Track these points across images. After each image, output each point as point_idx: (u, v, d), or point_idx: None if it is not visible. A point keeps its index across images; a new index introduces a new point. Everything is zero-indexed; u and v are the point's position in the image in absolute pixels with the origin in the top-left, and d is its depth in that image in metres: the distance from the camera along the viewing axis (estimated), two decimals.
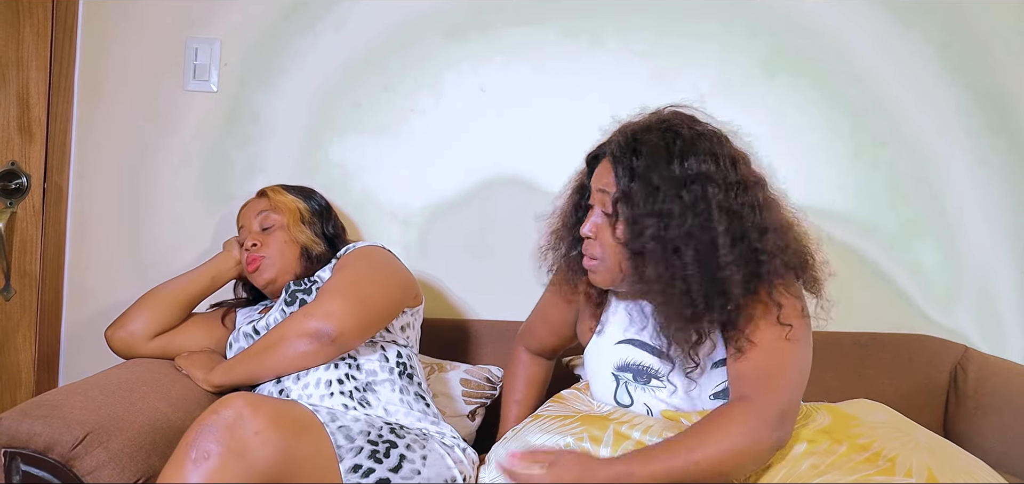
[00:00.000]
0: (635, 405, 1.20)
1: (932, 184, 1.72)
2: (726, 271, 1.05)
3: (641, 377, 1.19)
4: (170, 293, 1.46)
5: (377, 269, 1.37)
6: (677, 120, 1.13)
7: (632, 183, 1.09)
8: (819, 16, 1.71)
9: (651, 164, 1.08)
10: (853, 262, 1.73)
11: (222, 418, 0.99)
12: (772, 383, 1.05)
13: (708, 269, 1.06)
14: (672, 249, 1.06)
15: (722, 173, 1.08)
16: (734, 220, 1.07)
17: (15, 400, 1.69)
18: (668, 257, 1.07)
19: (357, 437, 1.14)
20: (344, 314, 1.25)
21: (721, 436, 1.00)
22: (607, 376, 1.22)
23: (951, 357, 1.62)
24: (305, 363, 1.27)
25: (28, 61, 1.69)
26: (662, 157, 1.08)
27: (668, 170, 1.08)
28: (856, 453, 1.03)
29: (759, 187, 1.12)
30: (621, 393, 1.21)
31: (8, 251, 1.68)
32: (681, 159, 1.08)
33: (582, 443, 1.12)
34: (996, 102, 1.71)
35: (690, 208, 1.06)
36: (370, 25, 1.74)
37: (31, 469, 1.10)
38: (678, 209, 1.06)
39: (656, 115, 1.16)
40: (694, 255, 1.06)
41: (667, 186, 1.07)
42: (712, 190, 1.07)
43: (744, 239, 1.07)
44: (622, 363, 1.21)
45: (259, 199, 1.53)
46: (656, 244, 1.07)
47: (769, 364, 1.06)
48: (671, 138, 1.10)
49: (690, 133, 1.10)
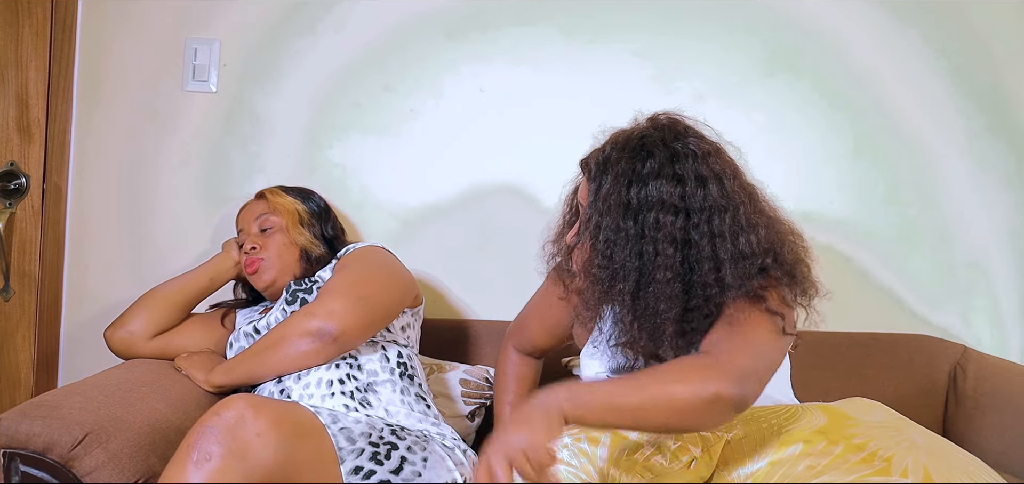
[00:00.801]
0: None
1: (932, 184, 1.72)
2: (660, 304, 1.05)
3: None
4: (169, 293, 1.46)
5: (378, 269, 1.37)
6: (657, 136, 1.09)
7: (595, 203, 1.09)
8: (818, 17, 1.71)
9: (611, 189, 1.07)
10: (852, 262, 1.73)
11: (223, 419, 0.99)
12: (737, 343, 1.01)
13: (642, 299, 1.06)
14: (612, 277, 1.06)
15: (686, 200, 1.05)
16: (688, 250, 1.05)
17: (14, 400, 1.69)
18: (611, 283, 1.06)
19: (358, 439, 1.14)
20: (346, 313, 1.25)
21: (676, 376, 0.95)
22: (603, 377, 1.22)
23: (950, 357, 1.62)
24: (307, 362, 1.27)
25: (27, 61, 1.69)
26: (624, 182, 1.07)
27: (626, 196, 1.06)
28: (852, 454, 1.03)
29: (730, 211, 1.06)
30: None
31: (7, 251, 1.68)
32: (643, 184, 1.06)
33: (580, 444, 1.12)
34: (995, 102, 1.71)
35: (637, 237, 1.05)
36: (370, 25, 1.74)
37: (30, 470, 1.10)
38: (622, 239, 1.05)
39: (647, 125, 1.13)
40: (632, 286, 1.05)
41: (619, 214, 1.06)
42: (665, 219, 1.04)
43: (694, 270, 1.05)
44: (616, 367, 1.20)
45: (258, 201, 1.52)
46: (600, 271, 1.07)
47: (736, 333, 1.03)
48: (641, 160, 1.07)
49: (663, 154, 1.07)
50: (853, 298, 1.70)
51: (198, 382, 1.34)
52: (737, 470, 1.07)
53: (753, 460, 1.06)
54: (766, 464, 1.05)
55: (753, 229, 1.08)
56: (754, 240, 1.07)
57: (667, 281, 1.04)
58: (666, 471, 1.07)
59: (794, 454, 1.05)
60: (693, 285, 1.05)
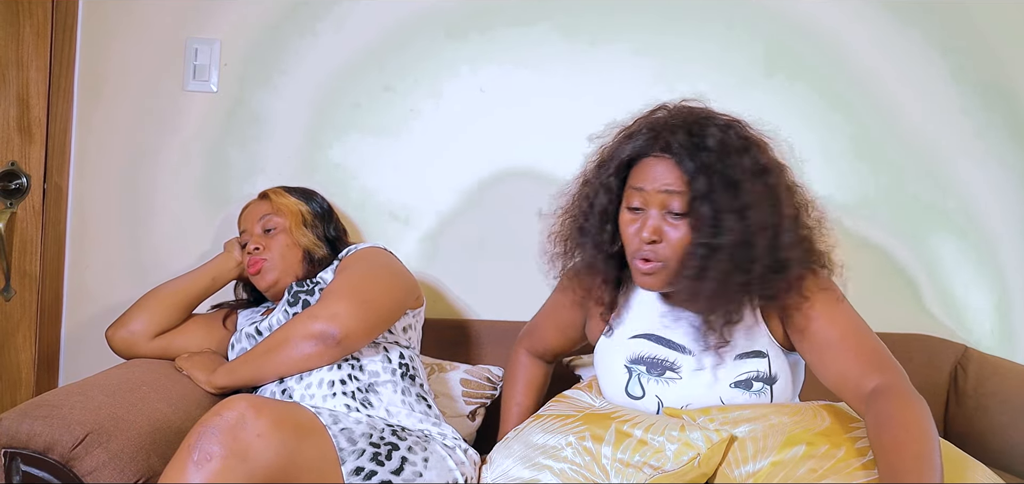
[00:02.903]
0: (646, 397, 1.20)
1: (932, 184, 1.72)
2: (789, 252, 1.09)
3: (655, 369, 1.19)
4: (171, 293, 1.46)
5: (380, 270, 1.37)
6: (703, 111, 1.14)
7: (710, 179, 1.07)
8: (818, 17, 1.71)
9: (726, 159, 1.08)
10: (852, 262, 1.72)
11: (224, 420, 0.99)
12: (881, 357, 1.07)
13: (773, 255, 1.08)
14: (747, 241, 1.07)
15: (771, 159, 1.12)
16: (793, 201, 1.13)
17: (15, 400, 1.69)
18: (743, 249, 1.07)
19: (359, 439, 1.14)
20: (349, 316, 1.26)
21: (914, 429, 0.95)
22: (619, 368, 1.22)
23: (951, 356, 1.62)
24: (309, 365, 1.27)
25: (28, 61, 1.69)
26: (734, 149, 1.09)
27: (741, 162, 1.08)
28: (855, 458, 1.03)
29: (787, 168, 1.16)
30: (633, 385, 1.21)
31: (8, 251, 1.68)
32: (747, 150, 1.10)
33: (584, 442, 1.13)
34: (998, 100, 1.71)
35: (766, 197, 1.08)
36: (370, 25, 1.74)
37: (31, 469, 1.10)
38: (755, 201, 1.07)
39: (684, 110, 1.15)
40: (764, 243, 1.08)
41: (746, 178, 1.08)
42: (774, 177, 1.11)
43: (799, 219, 1.13)
44: (635, 356, 1.21)
45: (261, 201, 1.52)
46: (734, 238, 1.07)
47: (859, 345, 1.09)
48: (724, 130, 1.11)
49: (735, 125, 1.13)
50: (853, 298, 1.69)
51: (200, 383, 1.34)
52: (739, 469, 1.07)
53: (755, 460, 1.06)
54: (768, 464, 1.05)
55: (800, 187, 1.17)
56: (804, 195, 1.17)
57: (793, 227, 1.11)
58: (669, 469, 1.07)
59: (797, 456, 1.05)
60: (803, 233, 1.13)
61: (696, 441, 1.07)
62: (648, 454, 1.08)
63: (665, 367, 1.18)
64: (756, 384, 1.16)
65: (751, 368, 1.15)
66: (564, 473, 1.10)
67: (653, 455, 1.08)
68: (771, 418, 1.10)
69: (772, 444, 1.07)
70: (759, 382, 1.15)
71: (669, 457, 1.07)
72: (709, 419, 1.12)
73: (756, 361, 1.16)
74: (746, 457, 1.07)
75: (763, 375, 1.16)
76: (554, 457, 1.13)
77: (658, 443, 1.09)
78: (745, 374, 1.15)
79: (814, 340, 1.11)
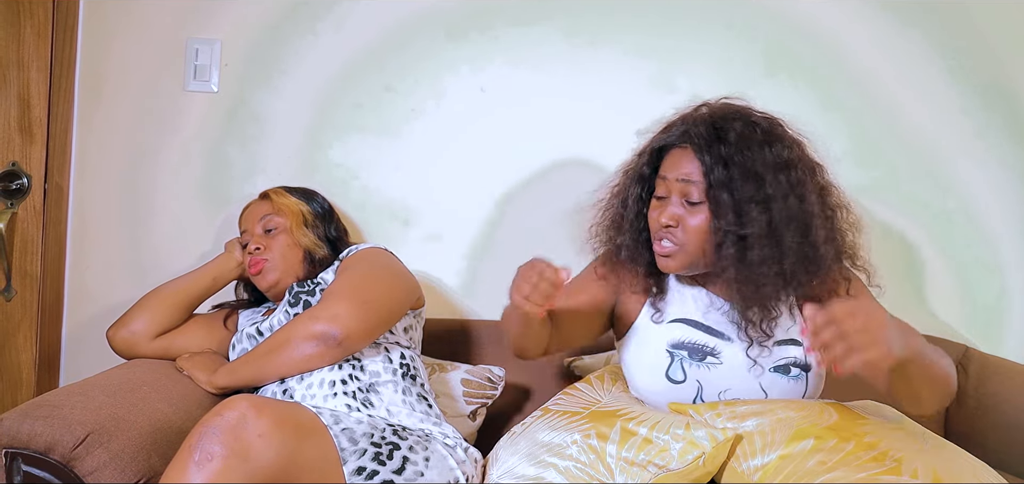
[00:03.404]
0: (687, 382, 1.21)
1: (931, 184, 1.72)
2: (821, 248, 1.12)
3: (696, 354, 1.21)
4: (172, 293, 1.46)
5: (381, 271, 1.37)
6: (743, 110, 1.18)
7: (729, 170, 1.12)
8: (818, 17, 1.71)
9: (745, 151, 1.12)
10: None
11: (226, 420, 0.99)
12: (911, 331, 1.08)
13: (804, 248, 1.11)
14: (775, 233, 1.11)
15: (802, 155, 1.16)
16: (821, 199, 1.15)
17: (16, 400, 1.69)
18: (771, 240, 1.11)
19: (360, 439, 1.14)
20: (350, 317, 1.26)
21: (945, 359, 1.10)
22: (660, 352, 1.23)
23: (951, 357, 1.61)
24: (310, 365, 1.27)
25: (29, 62, 1.69)
26: (755, 143, 1.13)
27: (762, 155, 1.12)
28: (863, 451, 1.03)
29: (821, 168, 1.19)
30: (674, 369, 1.22)
31: (9, 252, 1.68)
32: (771, 145, 1.13)
33: (589, 440, 1.13)
34: (998, 100, 1.70)
35: (789, 190, 1.11)
36: (370, 25, 1.74)
37: (32, 469, 1.10)
38: (780, 193, 1.11)
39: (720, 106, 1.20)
40: (793, 236, 1.11)
41: (768, 171, 1.11)
42: (802, 172, 1.13)
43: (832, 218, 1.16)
44: (677, 341, 1.23)
45: (262, 201, 1.53)
46: (761, 229, 1.11)
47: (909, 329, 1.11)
48: (752, 125, 1.15)
49: (766, 121, 1.16)
50: None
51: (201, 383, 1.34)
52: (747, 462, 1.07)
53: (764, 453, 1.07)
54: (776, 457, 1.05)
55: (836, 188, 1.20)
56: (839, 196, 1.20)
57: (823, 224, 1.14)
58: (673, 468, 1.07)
59: (805, 449, 1.05)
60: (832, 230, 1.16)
61: (701, 440, 1.08)
62: (653, 453, 1.08)
63: (706, 352, 1.21)
64: (794, 370, 1.20)
65: (789, 354, 1.20)
66: (569, 471, 1.10)
67: (658, 454, 1.08)
68: (778, 413, 1.11)
69: (780, 438, 1.07)
70: (796, 368, 1.20)
71: (674, 456, 1.07)
72: (716, 415, 1.12)
73: (793, 348, 1.21)
74: (754, 451, 1.08)
75: (800, 362, 1.21)
76: (559, 455, 1.13)
77: (663, 442, 1.09)
78: (784, 360, 1.20)
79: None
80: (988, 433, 1.47)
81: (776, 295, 1.16)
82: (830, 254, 1.15)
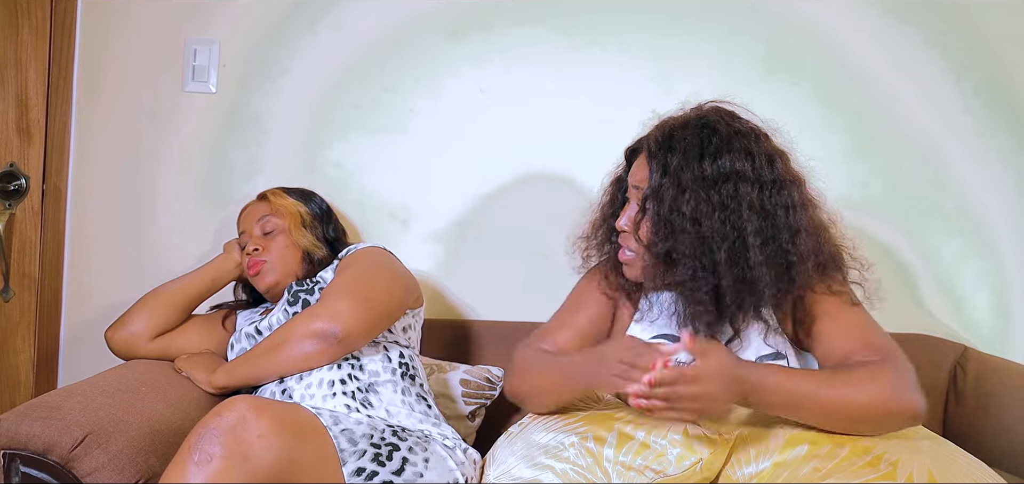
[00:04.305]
0: None
1: (931, 184, 1.72)
2: (756, 271, 1.08)
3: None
4: (170, 294, 1.46)
5: (380, 269, 1.37)
6: (716, 116, 1.14)
7: (663, 180, 1.11)
8: (818, 17, 1.71)
9: (683, 163, 1.10)
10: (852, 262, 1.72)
11: (225, 421, 0.99)
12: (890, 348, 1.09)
13: (738, 268, 1.08)
14: (702, 249, 1.08)
15: (757, 172, 1.10)
16: (766, 219, 1.09)
17: (14, 401, 1.69)
18: (699, 257, 1.09)
19: (360, 440, 1.14)
20: (350, 315, 1.26)
21: (867, 384, 1.02)
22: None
23: (950, 356, 1.62)
24: (310, 363, 1.27)
25: (27, 62, 1.69)
26: (694, 155, 1.10)
27: (699, 168, 1.09)
28: (858, 456, 1.03)
29: (795, 186, 1.14)
30: None
31: (7, 253, 1.68)
32: (714, 157, 1.10)
33: (586, 443, 1.12)
34: (998, 99, 1.70)
35: (720, 207, 1.08)
36: (369, 25, 1.74)
37: (30, 470, 1.10)
38: (707, 209, 1.08)
39: (696, 111, 1.17)
40: (726, 255, 1.08)
41: (697, 185, 1.09)
42: (744, 189, 1.09)
43: (775, 240, 1.09)
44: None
45: (260, 202, 1.52)
46: (686, 244, 1.09)
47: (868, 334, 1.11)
48: (707, 135, 1.12)
49: (727, 130, 1.12)
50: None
51: (199, 383, 1.34)
52: (742, 469, 1.07)
53: (758, 460, 1.06)
54: (770, 465, 1.05)
55: (814, 206, 1.16)
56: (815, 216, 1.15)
57: (759, 246, 1.08)
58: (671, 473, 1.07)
59: (800, 455, 1.04)
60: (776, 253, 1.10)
61: (698, 445, 1.07)
62: (650, 457, 1.08)
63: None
64: None
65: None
66: (566, 474, 1.10)
67: (655, 459, 1.08)
68: (772, 419, 1.11)
69: (775, 445, 1.06)
70: None
71: (671, 461, 1.07)
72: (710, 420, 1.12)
73: (775, 363, 1.17)
74: (748, 458, 1.07)
75: None
76: (556, 457, 1.13)
77: (660, 447, 1.08)
78: None
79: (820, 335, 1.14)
80: (987, 433, 1.47)
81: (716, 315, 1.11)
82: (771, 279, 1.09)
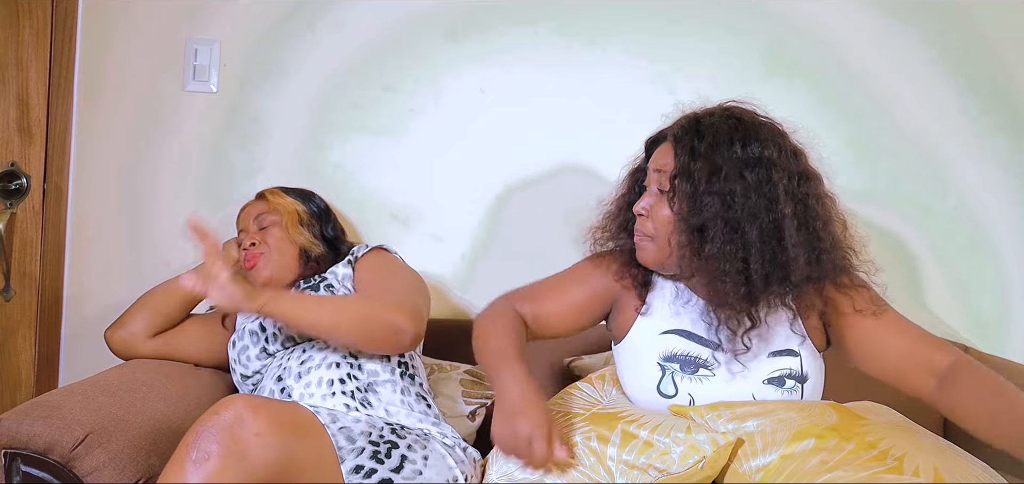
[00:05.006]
0: (679, 395, 1.19)
1: (931, 184, 1.72)
2: (792, 252, 1.10)
3: (689, 367, 1.19)
4: (168, 293, 1.46)
5: (413, 276, 1.41)
6: (738, 110, 1.17)
7: (694, 161, 1.12)
8: (817, 17, 1.71)
9: (714, 144, 1.12)
10: None
11: (222, 420, 0.99)
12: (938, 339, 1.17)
13: (771, 249, 1.10)
14: (734, 227, 1.10)
15: (785, 161, 1.13)
16: (799, 204, 1.12)
17: (15, 401, 1.69)
18: (730, 234, 1.10)
19: (358, 438, 1.14)
20: (420, 320, 1.29)
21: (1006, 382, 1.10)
22: (651, 366, 1.21)
23: None
24: (369, 344, 1.26)
25: (28, 62, 1.69)
26: (724, 138, 1.12)
27: (730, 151, 1.11)
28: (864, 451, 1.03)
29: (819, 181, 1.17)
30: (666, 383, 1.20)
31: (8, 252, 1.68)
32: (744, 143, 1.12)
33: (590, 442, 1.12)
34: (998, 100, 1.70)
35: (755, 189, 1.10)
36: (369, 25, 1.74)
37: (31, 470, 1.10)
38: (741, 189, 1.10)
39: (718, 106, 1.20)
40: (758, 234, 1.09)
41: (730, 166, 1.11)
42: (777, 175, 1.11)
43: (809, 226, 1.12)
44: (668, 353, 1.21)
45: (258, 201, 1.53)
46: (718, 221, 1.10)
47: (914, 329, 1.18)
48: (734, 122, 1.14)
49: (752, 120, 1.15)
50: None
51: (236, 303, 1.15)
52: (748, 463, 1.07)
53: (765, 453, 1.07)
54: (777, 457, 1.05)
55: (834, 203, 1.19)
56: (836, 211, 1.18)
57: (796, 228, 1.11)
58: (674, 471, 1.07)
59: (806, 449, 1.05)
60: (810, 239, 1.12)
61: (702, 443, 1.07)
62: (654, 456, 1.08)
63: (698, 364, 1.19)
64: (789, 381, 1.18)
65: (784, 365, 1.18)
66: (569, 473, 1.10)
67: (659, 457, 1.08)
68: (779, 413, 1.11)
69: (781, 438, 1.07)
70: (791, 380, 1.18)
71: (675, 460, 1.07)
72: (717, 416, 1.12)
73: (789, 359, 1.18)
74: (755, 451, 1.07)
75: (795, 373, 1.18)
76: None
77: (664, 445, 1.08)
78: (778, 371, 1.18)
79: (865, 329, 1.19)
80: None
81: (743, 295, 1.12)
82: (803, 262, 1.11)
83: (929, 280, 1.72)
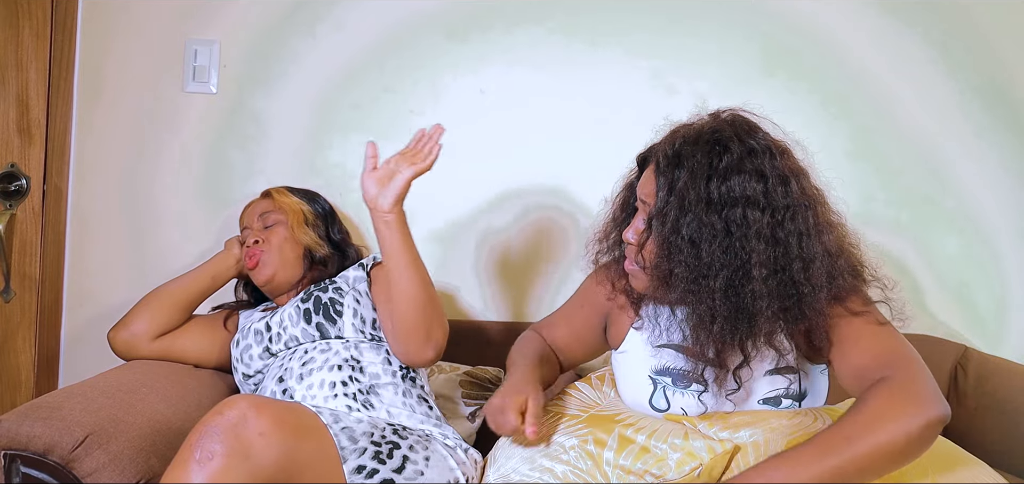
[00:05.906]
0: (671, 409, 1.17)
1: (931, 184, 1.72)
2: (758, 302, 1.02)
3: (681, 381, 1.16)
4: (171, 293, 1.45)
5: None
6: (730, 131, 1.07)
7: (669, 199, 1.06)
8: (817, 17, 1.71)
9: (689, 182, 1.04)
10: None
11: (226, 419, 0.99)
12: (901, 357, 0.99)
13: (736, 298, 1.03)
14: (701, 274, 1.03)
15: (769, 196, 1.03)
16: (776, 248, 1.03)
17: (15, 402, 1.69)
18: (696, 280, 1.04)
19: (360, 438, 1.14)
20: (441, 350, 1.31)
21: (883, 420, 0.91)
22: (643, 379, 1.19)
23: (951, 356, 1.62)
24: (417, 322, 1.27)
25: (27, 63, 1.69)
26: (702, 175, 1.04)
27: (706, 190, 1.03)
28: None
29: (811, 209, 1.06)
30: (657, 397, 1.18)
31: (8, 253, 1.68)
32: (723, 178, 1.03)
33: (587, 446, 1.12)
34: (998, 99, 1.70)
35: (723, 233, 1.02)
36: (369, 26, 1.74)
37: (31, 471, 1.10)
38: (708, 234, 1.03)
39: (712, 119, 1.11)
40: (723, 283, 1.02)
41: (700, 208, 1.03)
42: (753, 215, 1.02)
43: (785, 270, 1.03)
44: (661, 367, 1.18)
45: (263, 199, 1.53)
46: (684, 267, 1.04)
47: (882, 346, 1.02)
48: (718, 153, 1.05)
49: (740, 149, 1.05)
50: None
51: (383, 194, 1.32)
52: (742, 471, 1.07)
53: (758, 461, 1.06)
54: None
55: (831, 229, 1.08)
56: (833, 239, 1.07)
57: (763, 278, 1.02)
58: (670, 478, 1.07)
59: None
60: (784, 284, 1.03)
61: (699, 451, 1.07)
62: (650, 462, 1.08)
63: (692, 379, 1.15)
64: (785, 401, 1.14)
65: (780, 385, 1.14)
66: (566, 476, 1.10)
67: (655, 463, 1.08)
68: (772, 422, 1.10)
69: (775, 447, 1.06)
70: (788, 400, 1.14)
71: (671, 466, 1.07)
72: (710, 425, 1.12)
73: (786, 377, 1.14)
74: (747, 462, 1.07)
75: (793, 391, 1.14)
76: (556, 459, 1.13)
77: (661, 451, 1.08)
78: (774, 391, 1.14)
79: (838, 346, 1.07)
80: (987, 433, 1.47)
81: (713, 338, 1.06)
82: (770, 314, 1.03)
83: (929, 280, 1.73)
